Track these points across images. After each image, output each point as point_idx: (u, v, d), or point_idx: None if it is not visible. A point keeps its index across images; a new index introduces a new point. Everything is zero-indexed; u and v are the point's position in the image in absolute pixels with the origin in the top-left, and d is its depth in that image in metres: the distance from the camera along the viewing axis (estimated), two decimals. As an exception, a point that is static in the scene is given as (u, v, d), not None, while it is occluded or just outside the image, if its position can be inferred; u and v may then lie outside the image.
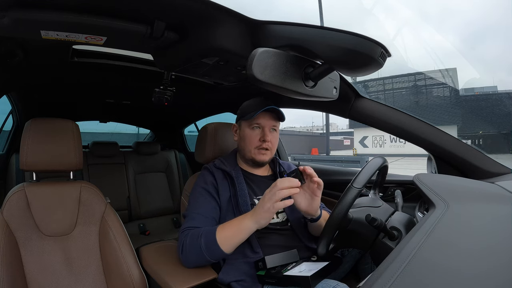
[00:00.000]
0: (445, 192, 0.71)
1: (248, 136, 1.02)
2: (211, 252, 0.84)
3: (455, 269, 0.45)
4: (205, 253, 0.84)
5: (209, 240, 0.84)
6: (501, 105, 18.29)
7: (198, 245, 0.85)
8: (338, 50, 0.58)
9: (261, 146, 1.01)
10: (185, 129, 2.71)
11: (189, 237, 0.88)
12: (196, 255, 0.86)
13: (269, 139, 1.01)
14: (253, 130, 1.02)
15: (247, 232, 0.84)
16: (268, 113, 1.01)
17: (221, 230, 0.85)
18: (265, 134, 1.01)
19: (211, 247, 0.84)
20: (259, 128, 1.02)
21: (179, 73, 1.08)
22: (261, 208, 0.80)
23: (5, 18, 0.59)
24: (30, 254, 0.93)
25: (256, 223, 0.82)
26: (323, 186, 0.87)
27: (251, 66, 0.56)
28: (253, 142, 1.01)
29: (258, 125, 1.02)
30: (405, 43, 43.64)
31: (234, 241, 0.84)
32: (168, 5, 0.63)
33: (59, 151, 1.00)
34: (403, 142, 15.86)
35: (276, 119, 1.03)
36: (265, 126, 1.01)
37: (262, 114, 1.00)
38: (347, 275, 1.03)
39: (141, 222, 2.26)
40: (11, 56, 0.96)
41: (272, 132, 1.03)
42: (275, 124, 1.03)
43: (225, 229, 0.85)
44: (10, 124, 1.92)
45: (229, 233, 0.85)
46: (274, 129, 1.04)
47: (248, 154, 1.03)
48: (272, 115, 1.02)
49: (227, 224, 0.87)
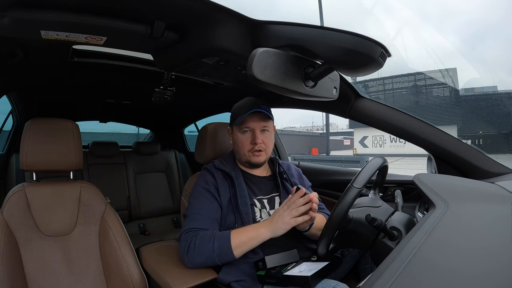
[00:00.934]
0: (445, 192, 0.71)
1: (240, 141, 1.03)
2: (223, 256, 0.86)
3: (455, 269, 0.45)
4: (216, 257, 0.86)
5: (223, 245, 0.85)
6: (501, 105, 18.28)
7: (209, 248, 0.86)
8: (338, 50, 0.58)
9: (254, 149, 1.01)
10: (185, 129, 2.72)
11: (199, 239, 0.88)
12: (205, 257, 0.87)
13: (260, 141, 1.00)
14: (244, 134, 1.02)
15: (261, 240, 0.87)
16: (256, 114, 1.00)
17: (236, 236, 0.87)
18: (255, 137, 1.00)
19: (224, 251, 0.85)
20: (249, 132, 1.02)
21: (179, 73, 1.08)
22: (281, 221, 0.85)
23: (5, 18, 0.59)
24: (30, 254, 0.93)
25: (273, 233, 0.86)
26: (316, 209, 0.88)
27: (251, 66, 0.56)
28: (245, 146, 1.02)
29: (247, 128, 1.01)
30: (405, 43, 43.68)
31: (247, 247, 0.87)
32: (168, 5, 0.63)
33: (59, 151, 1.00)
34: (403, 142, 15.85)
35: (266, 119, 1.02)
36: (254, 128, 1.01)
37: (250, 116, 1.00)
38: (347, 275, 1.03)
39: (141, 222, 2.26)
40: (11, 56, 0.96)
41: (264, 133, 1.02)
42: (265, 124, 1.02)
43: (240, 235, 0.87)
44: (10, 124, 1.92)
45: (244, 240, 0.86)
46: (265, 129, 1.03)
47: (243, 157, 1.04)
48: (261, 116, 1.01)
49: (242, 230, 0.89)
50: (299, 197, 0.85)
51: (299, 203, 0.84)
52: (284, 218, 0.84)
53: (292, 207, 0.84)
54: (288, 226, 0.85)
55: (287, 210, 0.85)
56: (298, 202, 0.84)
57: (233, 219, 0.95)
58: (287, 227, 0.85)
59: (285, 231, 0.86)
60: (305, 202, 0.84)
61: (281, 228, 0.85)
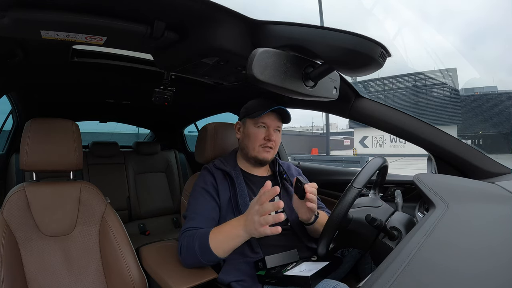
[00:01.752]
0: (445, 192, 0.71)
1: (253, 134, 1.03)
2: (206, 256, 0.84)
3: (455, 269, 0.45)
4: (200, 257, 0.84)
5: (203, 244, 0.83)
6: (501, 105, 18.27)
7: (192, 248, 0.85)
8: (338, 50, 0.58)
9: (266, 145, 1.02)
10: (185, 129, 2.72)
11: (186, 238, 0.88)
12: (192, 257, 0.86)
13: (273, 139, 1.02)
14: (259, 128, 1.03)
15: (240, 240, 0.81)
16: (274, 113, 1.02)
17: (214, 234, 0.84)
18: (270, 134, 1.02)
19: (205, 251, 0.83)
20: (264, 128, 1.03)
21: (179, 73, 1.08)
22: (253, 227, 0.74)
23: (5, 18, 0.59)
24: (30, 254, 0.92)
25: (248, 233, 0.78)
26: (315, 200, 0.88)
27: (251, 66, 0.56)
28: (258, 140, 1.02)
29: (263, 124, 1.02)
30: (405, 43, 43.65)
31: (227, 247, 0.82)
32: (168, 5, 0.63)
33: (59, 151, 1.00)
34: (403, 142, 15.86)
35: (281, 120, 1.05)
36: (270, 126, 1.02)
37: (268, 114, 1.01)
38: (347, 275, 1.03)
39: (141, 222, 2.26)
40: (11, 56, 0.97)
41: (276, 132, 1.04)
42: (279, 125, 1.05)
43: (218, 234, 0.84)
44: (10, 124, 1.92)
45: (222, 239, 0.83)
46: (278, 129, 1.05)
47: (252, 152, 1.03)
48: (277, 116, 1.03)
49: (220, 228, 0.85)
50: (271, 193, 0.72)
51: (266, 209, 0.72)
52: (256, 225, 0.73)
53: (261, 212, 0.73)
54: (261, 229, 0.72)
55: (256, 216, 0.74)
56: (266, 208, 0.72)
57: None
58: (261, 230, 0.72)
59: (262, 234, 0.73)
60: (274, 208, 0.70)
61: (257, 230, 0.74)
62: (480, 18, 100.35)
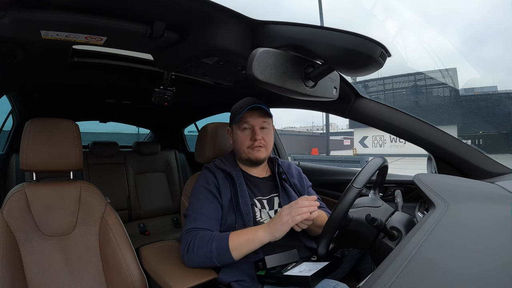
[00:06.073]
0: (445, 192, 0.71)
1: (239, 139, 1.03)
2: (221, 258, 0.85)
3: (455, 269, 0.45)
4: (215, 258, 0.85)
5: (221, 246, 0.85)
6: (501, 105, 18.26)
7: (208, 249, 0.86)
8: (338, 50, 0.58)
9: (253, 145, 1.01)
10: (185, 129, 2.71)
11: (198, 239, 0.88)
12: (204, 258, 0.87)
13: (259, 137, 1.01)
14: (243, 131, 1.03)
15: (259, 243, 0.86)
16: (255, 111, 1.02)
17: (234, 238, 0.86)
18: (255, 133, 1.01)
19: (222, 253, 0.85)
20: (249, 129, 1.02)
21: (179, 73, 1.08)
22: (279, 222, 0.84)
23: (5, 18, 0.59)
24: (30, 254, 0.92)
25: (271, 235, 0.85)
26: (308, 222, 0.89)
27: (251, 66, 0.56)
28: (245, 143, 1.02)
29: (247, 125, 1.02)
30: (405, 44, 43.65)
31: (246, 250, 0.86)
32: (168, 5, 0.63)
33: (59, 151, 1.00)
34: (403, 142, 15.84)
35: (265, 116, 1.03)
36: (254, 125, 1.02)
37: (249, 113, 1.01)
38: (347, 275, 1.03)
39: (141, 222, 2.26)
40: (11, 56, 0.96)
41: (263, 130, 1.03)
42: (264, 120, 1.03)
43: (238, 238, 0.86)
44: (10, 124, 1.92)
45: (242, 242, 0.86)
46: (264, 126, 1.04)
47: (243, 154, 1.04)
48: (260, 113, 1.02)
49: (240, 232, 0.88)
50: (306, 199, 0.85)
51: (301, 204, 0.83)
52: (283, 219, 0.83)
53: (294, 207, 0.83)
54: (286, 227, 0.83)
55: (286, 211, 0.84)
56: (301, 203, 0.84)
57: (234, 219, 0.95)
58: (285, 228, 0.83)
59: (283, 233, 0.84)
60: (309, 204, 0.83)
61: (279, 229, 0.83)
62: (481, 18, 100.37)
